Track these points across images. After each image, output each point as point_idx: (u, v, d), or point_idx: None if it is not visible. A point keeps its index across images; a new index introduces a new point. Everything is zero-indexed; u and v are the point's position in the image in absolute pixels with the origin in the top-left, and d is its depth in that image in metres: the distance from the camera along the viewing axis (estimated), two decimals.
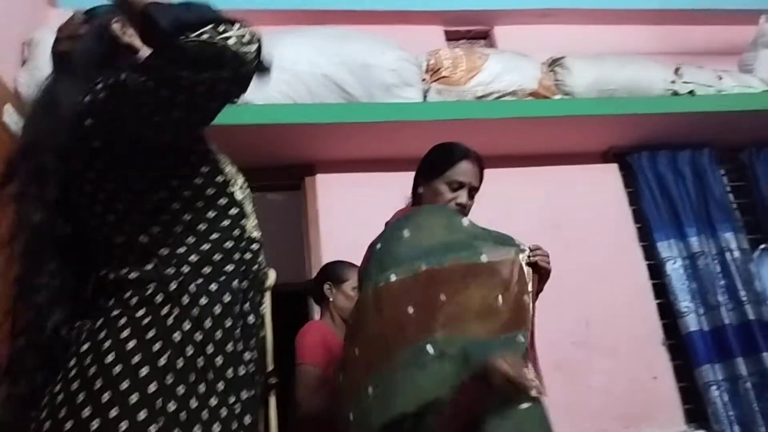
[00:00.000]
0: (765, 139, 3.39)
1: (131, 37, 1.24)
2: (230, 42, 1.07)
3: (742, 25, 3.64)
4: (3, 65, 2.44)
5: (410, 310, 1.57)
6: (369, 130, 2.86)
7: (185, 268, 1.12)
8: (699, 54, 3.58)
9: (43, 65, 2.55)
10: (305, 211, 3.02)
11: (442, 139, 2.91)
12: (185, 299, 1.09)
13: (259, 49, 1.14)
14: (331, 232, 2.94)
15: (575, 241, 3.14)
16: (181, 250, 1.13)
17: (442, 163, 1.90)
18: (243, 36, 1.10)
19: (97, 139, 1.13)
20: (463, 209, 1.88)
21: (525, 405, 1.55)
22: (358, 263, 2.03)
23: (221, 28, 1.08)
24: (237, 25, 1.10)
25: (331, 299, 2.36)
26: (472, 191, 1.92)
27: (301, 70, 2.76)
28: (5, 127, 2.09)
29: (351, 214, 2.94)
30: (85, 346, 1.07)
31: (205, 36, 1.06)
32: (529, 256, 1.78)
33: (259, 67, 1.15)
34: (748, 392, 2.89)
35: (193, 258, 1.13)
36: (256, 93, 2.69)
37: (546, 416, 1.60)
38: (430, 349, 1.51)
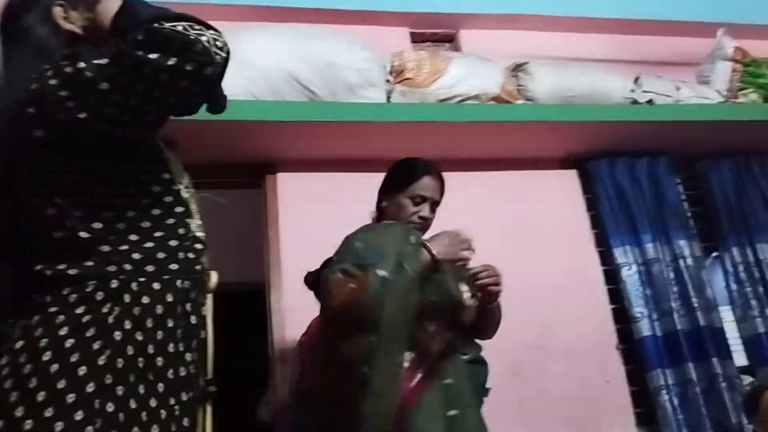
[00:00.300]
0: (720, 149, 3.47)
1: (73, 23, 1.20)
2: (202, 38, 1.07)
3: (700, 37, 3.72)
4: None
5: None
6: (332, 130, 2.84)
7: (127, 266, 1.09)
8: (658, 64, 3.65)
9: None
10: (265, 210, 2.99)
11: (404, 141, 2.95)
12: (127, 298, 1.07)
13: (226, 61, 1.13)
14: (291, 231, 2.92)
15: (533, 246, 3.18)
16: (124, 247, 1.10)
17: (405, 178, 1.99)
18: (216, 39, 1.10)
19: (40, 129, 1.09)
20: (425, 222, 1.97)
21: (453, 412, 1.68)
22: (317, 264, 2.03)
23: (197, 27, 1.08)
24: (212, 30, 1.10)
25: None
26: (434, 205, 2.01)
27: (263, 66, 2.73)
28: None
29: (311, 214, 2.92)
30: (20, 344, 1.03)
31: (179, 28, 1.06)
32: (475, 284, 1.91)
33: (216, 87, 1.14)
34: (697, 397, 2.95)
35: (136, 256, 1.11)
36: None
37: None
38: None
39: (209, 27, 1.10)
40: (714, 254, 3.45)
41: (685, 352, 3.02)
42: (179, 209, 1.19)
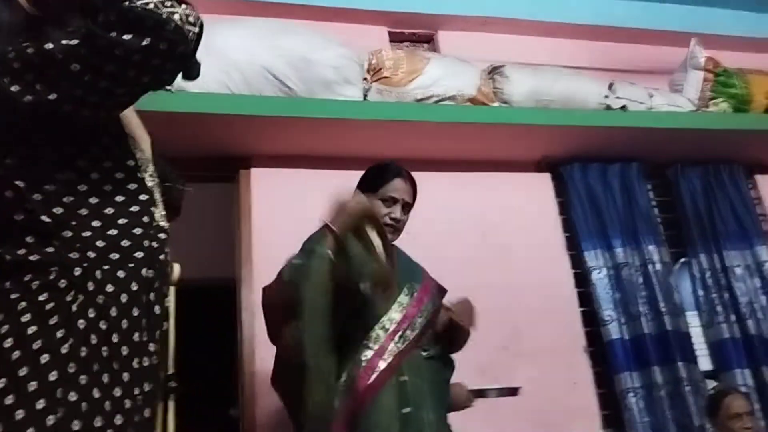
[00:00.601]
0: (691, 157, 3.53)
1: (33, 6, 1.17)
2: (175, 17, 1.05)
3: (673, 46, 3.78)
4: None
5: None
6: (307, 126, 2.82)
7: (91, 253, 1.06)
8: (632, 71, 3.70)
9: None
10: (238, 205, 2.96)
11: (380, 139, 2.95)
12: (90, 286, 1.04)
13: (199, 35, 1.11)
14: (264, 227, 2.89)
15: (506, 247, 3.20)
16: (87, 233, 1.08)
17: (376, 180, 2.02)
18: (189, 15, 1.08)
19: (1, 112, 1.06)
20: (398, 224, 1.99)
21: (407, 409, 1.73)
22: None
23: (168, 3, 1.06)
24: (184, 5, 1.08)
25: None
26: (406, 207, 2.03)
27: (239, 60, 2.70)
28: None
29: (284, 210, 2.90)
30: None
31: (150, 5, 1.04)
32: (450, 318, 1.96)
33: (190, 62, 1.13)
34: (663, 400, 3.00)
35: (99, 243, 1.08)
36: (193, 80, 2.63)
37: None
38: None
39: (180, 1, 1.09)
40: (682, 260, 3.51)
41: (652, 355, 3.07)
42: (144, 197, 1.17)
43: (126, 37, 1.02)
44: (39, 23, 1.11)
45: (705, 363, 3.26)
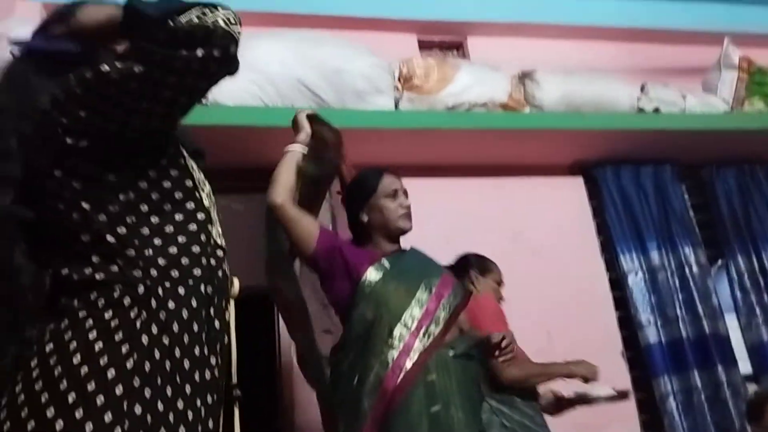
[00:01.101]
0: (725, 158, 3.48)
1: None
2: (220, 22, 1.11)
3: (706, 45, 3.74)
4: None
5: None
6: None
7: (153, 271, 1.11)
8: (664, 72, 3.67)
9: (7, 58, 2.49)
10: None
11: (412, 147, 2.97)
12: (153, 303, 1.09)
13: (239, 32, 1.17)
14: None
15: (540, 252, 3.19)
16: (149, 252, 1.12)
17: (369, 184, 2.03)
18: (229, 17, 1.13)
19: (70, 137, 1.11)
20: (409, 209, 2.01)
21: (436, 408, 1.75)
22: None
23: (207, 11, 1.11)
24: (220, 8, 1.13)
25: (476, 287, 2.42)
26: (405, 193, 2.05)
27: (272, 72, 2.75)
28: None
29: (320, 218, 2.93)
30: (50, 346, 1.05)
31: (193, 17, 1.09)
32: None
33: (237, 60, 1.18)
34: (702, 404, 2.97)
35: (161, 261, 1.12)
36: (227, 93, 2.68)
37: None
38: None
39: (215, 6, 1.14)
40: (719, 262, 3.46)
41: (690, 359, 3.04)
42: (201, 216, 1.21)
43: (182, 52, 1.08)
44: (89, 54, 1.16)
45: (745, 366, 3.20)
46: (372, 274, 1.85)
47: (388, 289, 1.84)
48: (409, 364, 1.76)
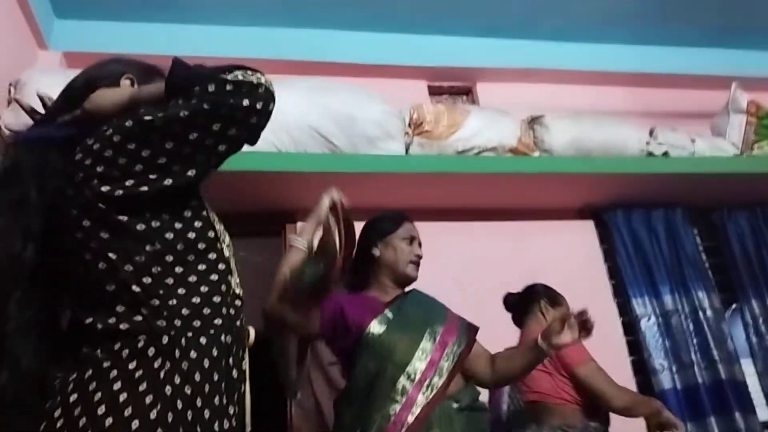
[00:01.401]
0: (736, 201, 3.49)
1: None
2: (262, 80, 1.17)
3: (714, 90, 3.78)
4: None
5: None
6: (352, 181, 2.88)
7: (177, 322, 1.12)
8: (673, 116, 3.71)
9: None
10: None
11: (423, 191, 2.99)
12: (176, 353, 1.10)
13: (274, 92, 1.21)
14: None
15: None
16: (173, 302, 1.14)
17: (392, 222, 2.08)
18: (266, 79, 1.19)
19: (106, 185, 1.13)
20: (419, 260, 2.05)
21: None
22: None
23: (249, 71, 1.17)
24: (259, 73, 1.19)
25: (545, 318, 2.47)
26: (420, 244, 2.09)
27: (286, 119, 2.80)
28: None
29: None
30: (74, 397, 1.05)
31: (239, 74, 1.15)
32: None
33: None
34: None
35: (184, 311, 1.14)
36: None
37: None
38: None
39: (255, 70, 1.19)
40: (733, 306, 3.43)
41: (707, 405, 2.98)
42: (222, 266, 1.23)
43: (230, 100, 1.13)
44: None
45: (763, 413, 3.14)
46: (375, 327, 1.84)
47: (392, 340, 1.82)
48: (411, 419, 1.73)
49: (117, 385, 1.05)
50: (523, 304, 2.58)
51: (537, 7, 3.58)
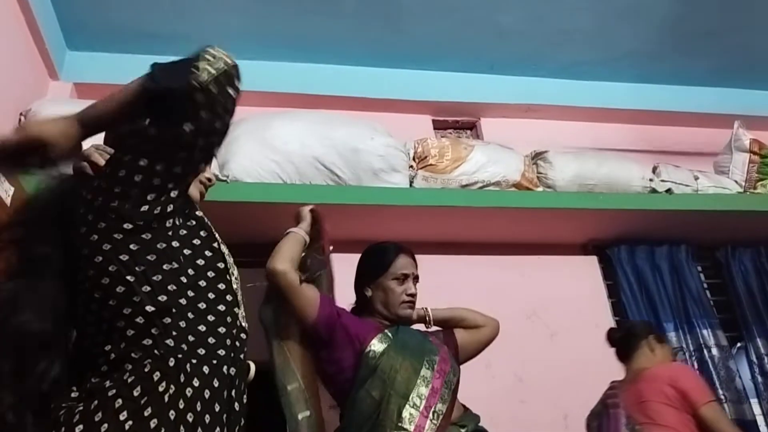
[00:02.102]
0: (740, 238, 3.48)
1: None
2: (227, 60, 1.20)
3: (717, 128, 3.80)
4: None
5: None
6: (356, 213, 2.90)
7: (184, 346, 1.13)
8: (676, 154, 3.73)
9: None
10: None
11: (426, 225, 2.99)
12: (182, 377, 1.10)
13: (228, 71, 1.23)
14: None
15: (554, 331, 3.16)
16: (182, 323, 1.14)
17: (381, 261, 2.05)
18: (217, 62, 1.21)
19: (116, 200, 1.16)
20: (414, 298, 2.02)
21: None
22: None
23: (209, 56, 1.20)
24: (208, 55, 1.20)
25: (655, 354, 2.59)
26: (415, 280, 2.06)
27: (291, 151, 2.83)
28: None
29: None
30: (80, 428, 1.05)
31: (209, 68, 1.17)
32: None
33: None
34: None
35: (190, 337, 1.14)
36: (247, 170, 2.75)
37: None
38: None
39: (205, 54, 1.20)
40: (738, 344, 3.40)
41: None
42: (229, 297, 1.24)
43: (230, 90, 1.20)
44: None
45: None
46: (376, 345, 1.85)
47: (393, 365, 1.81)
48: None
49: (123, 416, 1.05)
50: (629, 340, 2.69)
51: (541, 45, 3.63)
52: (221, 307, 1.21)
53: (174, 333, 1.13)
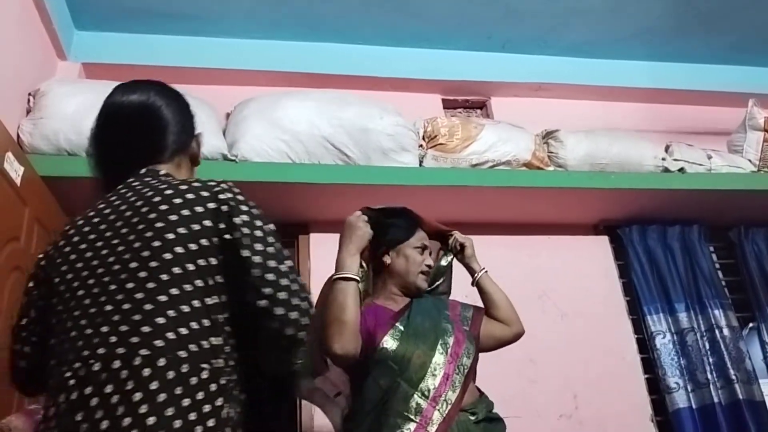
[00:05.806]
0: (753, 218, 3.45)
1: None
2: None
3: (731, 106, 3.76)
4: (7, 113, 2.47)
5: None
6: (365, 192, 2.88)
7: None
8: (689, 133, 3.68)
9: (48, 116, 2.60)
10: (297, 269, 3.02)
11: (436, 204, 2.98)
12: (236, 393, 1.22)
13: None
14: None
15: (564, 312, 3.15)
16: (231, 363, 1.22)
17: (405, 231, 2.03)
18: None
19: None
20: (430, 269, 2.03)
21: None
22: None
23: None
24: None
25: None
26: (431, 253, 2.07)
27: (300, 131, 2.81)
28: (5, 174, 2.10)
29: None
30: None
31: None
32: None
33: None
34: None
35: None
36: (256, 150, 2.74)
37: None
38: None
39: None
40: (750, 325, 3.38)
41: (723, 426, 2.93)
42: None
43: None
44: None
45: None
46: (388, 342, 1.80)
47: (405, 354, 1.78)
48: None
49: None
50: None
51: (552, 23, 3.58)
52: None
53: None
